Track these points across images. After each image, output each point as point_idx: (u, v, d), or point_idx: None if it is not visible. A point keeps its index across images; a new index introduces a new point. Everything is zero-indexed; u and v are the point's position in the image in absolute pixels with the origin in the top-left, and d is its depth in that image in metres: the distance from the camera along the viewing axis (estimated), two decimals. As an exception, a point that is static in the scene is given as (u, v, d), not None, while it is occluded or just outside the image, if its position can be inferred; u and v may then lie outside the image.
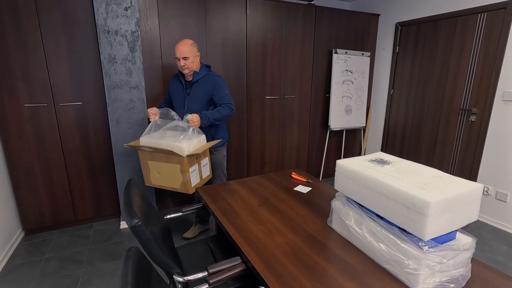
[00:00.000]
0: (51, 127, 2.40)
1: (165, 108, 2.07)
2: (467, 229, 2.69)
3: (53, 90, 2.34)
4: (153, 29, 2.54)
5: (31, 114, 2.32)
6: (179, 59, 2.04)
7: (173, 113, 2.01)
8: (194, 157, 1.92)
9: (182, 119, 1.98)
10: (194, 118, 1.92)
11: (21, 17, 2.15)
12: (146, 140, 1.94)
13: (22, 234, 2.52)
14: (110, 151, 2.58)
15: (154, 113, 2.05)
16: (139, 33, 2.38)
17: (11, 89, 2.23)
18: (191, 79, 2.15)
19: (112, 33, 2.28)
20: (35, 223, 2.50)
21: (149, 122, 2.05)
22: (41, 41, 2.24)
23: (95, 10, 2.21)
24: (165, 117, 2.06)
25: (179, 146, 1.80)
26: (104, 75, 2.33)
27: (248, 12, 2.91)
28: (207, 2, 2.70)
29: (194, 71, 2.12)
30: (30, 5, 2.16)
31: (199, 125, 1.96)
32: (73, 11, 2.28)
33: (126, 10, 2.29)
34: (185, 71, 2.09)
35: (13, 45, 2.17)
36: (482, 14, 2.71)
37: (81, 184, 2.60)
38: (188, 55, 2.03)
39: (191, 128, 1.92)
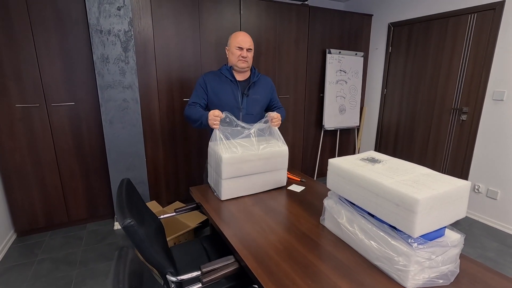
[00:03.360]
0: (43, 128, 2.38)
1: (225, 112, 1.62)
2: (458, 226, 2.73)
3: (45, 90, 2.32)
4: (147, 29, 2.53)
5: (23, 114, 2.29)
6: (242, 49, 1.73)
7: (232, 117, 1.63)
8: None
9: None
10: (279, 116, 1.65)
11: (11, 15, 2.13)
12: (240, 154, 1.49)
13: (14, 236, 2.49)
14: (103, 151, 2.56)
15: (220, 118, 1.58)
16: (132, 33, 2.36)
17: (2, 89, 2.20)
18: (244, 78, 1.86)
19: (104, 33, 2.27)
20: (27, 224, 2.48)
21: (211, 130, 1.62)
22: (33, 40, 2.21)
23: (87, 9, 2.19)
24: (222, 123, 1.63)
25: (284, 150, 1.63)
26: (97, 75, 2.31)
27: (242, 12, 2.91)
28: (201, 2, 2.70)
29: (251, 69, 1.88)
30: (21, 3, 2.13)
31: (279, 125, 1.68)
32: (65, 10, 2.26)
33: (119, 10, 2.28)
34: (243, 65, 1.77)
35: (4, 44, 2.14)
36: (473, 15, 2.75)
37: (74, 184, 2.58)
38: (252, 48, 1.77)
39: (276, 128, 1.67)
